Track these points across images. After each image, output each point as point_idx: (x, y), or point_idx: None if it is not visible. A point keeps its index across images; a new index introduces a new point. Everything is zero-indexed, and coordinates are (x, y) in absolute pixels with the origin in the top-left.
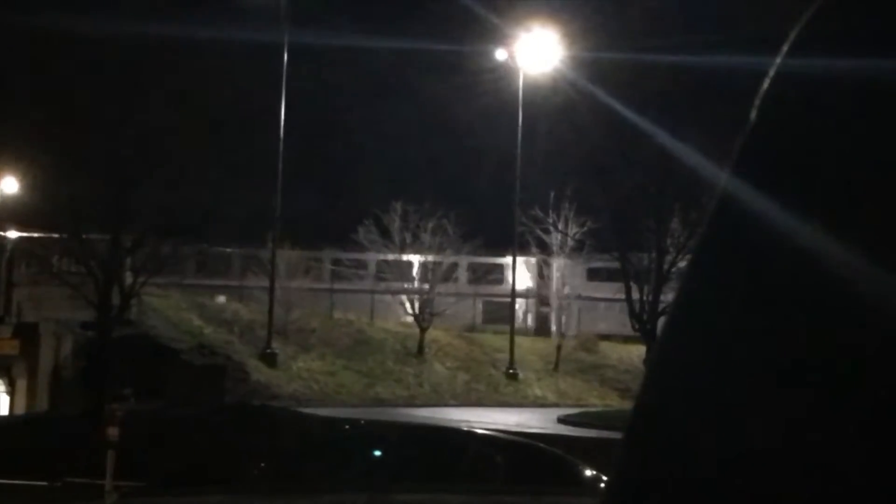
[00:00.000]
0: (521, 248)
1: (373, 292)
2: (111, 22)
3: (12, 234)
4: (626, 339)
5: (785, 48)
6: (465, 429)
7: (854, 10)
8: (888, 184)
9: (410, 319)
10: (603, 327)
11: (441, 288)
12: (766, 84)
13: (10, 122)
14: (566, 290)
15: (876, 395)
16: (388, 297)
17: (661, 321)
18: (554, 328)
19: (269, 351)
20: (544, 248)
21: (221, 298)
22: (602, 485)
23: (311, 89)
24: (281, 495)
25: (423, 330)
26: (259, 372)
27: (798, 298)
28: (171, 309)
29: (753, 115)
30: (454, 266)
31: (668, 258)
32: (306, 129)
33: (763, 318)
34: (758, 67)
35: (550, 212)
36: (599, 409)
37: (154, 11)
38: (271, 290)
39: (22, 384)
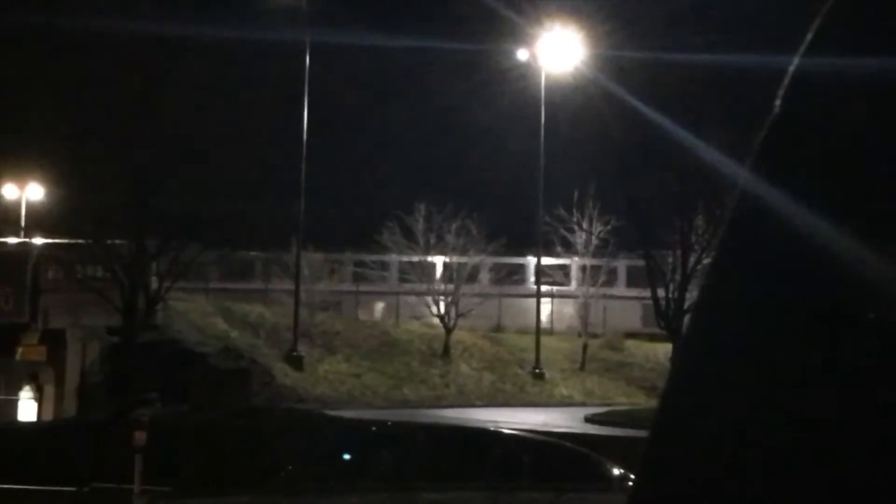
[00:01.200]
0: (545, 248)
1: (398, 294)
2: (133, 25)
3: (38, 240)
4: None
5: (803, 46)
6: (492, 429)
7: (868, 8)
8: None
9: (436, 321)
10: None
11: (466, 289)
12: (785, 81)
13: (34, 129)
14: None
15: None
16: (413, 299)
17: (687, 319)
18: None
19: (294, 354)
20: (569, 248)
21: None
22: (630, 483)
23: (333, 90)
24: (308, 497)
25: (448, 331)
26: (285, 375)
27: (819, 300)
28: (197, 313)
29: (773, 112)
30: (479, 266)
31: (694, 255)
32: (329, 131)
33: (784, 319)
34: (780, 65)
35: (574, 211)
36: (626, 407)
37: (175, 15)
38: (296, 292)
39: (49, 390)
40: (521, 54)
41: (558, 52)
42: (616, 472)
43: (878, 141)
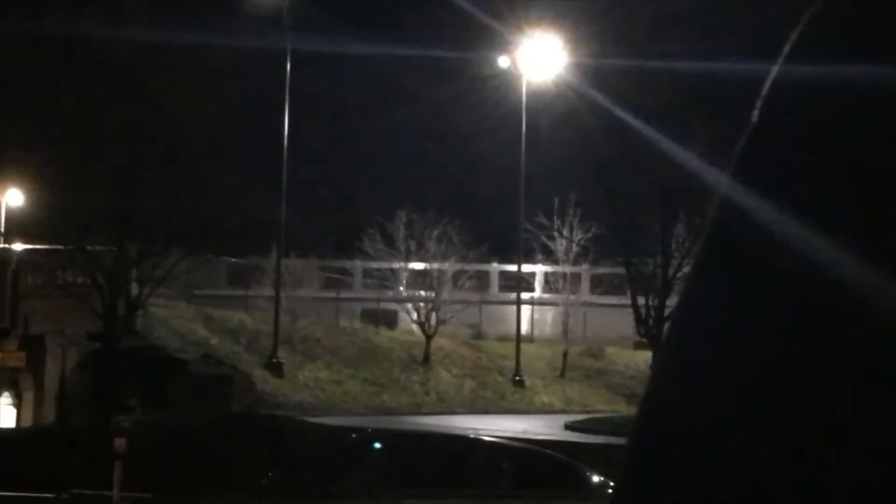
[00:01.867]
0: (526, 255)
1: (378, 300)
2: (115, 31)
3: (18, 246)
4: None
5: (783, 54)
6: (472, 436)
7: (849, 16)
8: (885, 186)
9: (416, 327)
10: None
11: (446, 295)
12: (765, 89)
13: (14, 133)
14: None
15: (877, 394)
16: (394, 306)
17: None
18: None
19: (275, 360)
20: (549, 255)
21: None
22: (609, 490)
23: (313, 97)
24: None
25: (428, 338)
26: (265, 381)
27: (799, 302)
28: (177, 319)
29: (753, 119)
30: (460, 273)
31: (674, 263)
32: (309, 138)
33: (765, 323)
34: (760, 73)
35: (555, 218)
36: (606, 415)
37: (158, 21)
38: (277, 299)
39: (28, 396)
40: (503, 62)
41: (539, 59)
42: (596, 479)
43: (858, 149)
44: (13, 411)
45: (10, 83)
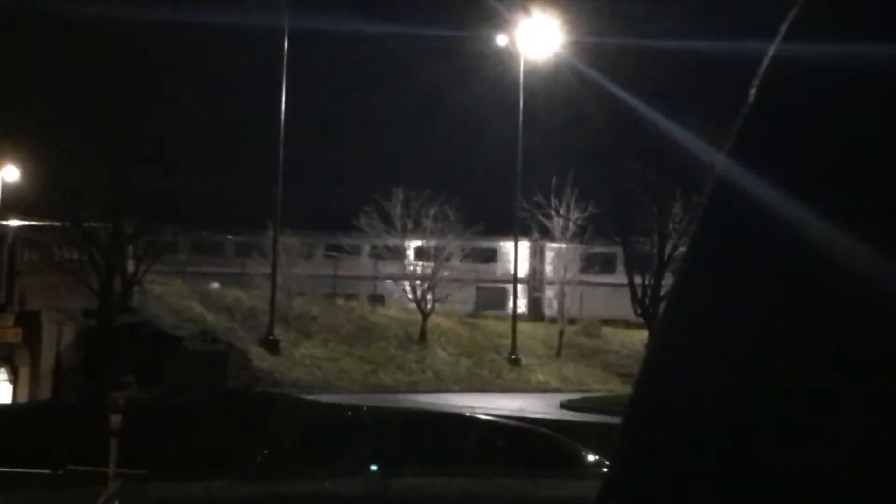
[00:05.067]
0: (522, 233)
1: (375, 278)
2: (110, 7)
3: (14, 222)
4: (628, 325)
5: (781, 32)
6: (468, 414)
7: None
8: (884, 166)
9: (412, 306)
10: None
11: (441, 273)
12: (762, 68)
13: (10, 110)
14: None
15: (872, 380)
16: (390, 283)
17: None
18: (548, 313)
19: (270, 338)
20: (546, 234)
21: (215, 285)
22: (604, 469)
23: (310, 75)
24: (283, 481)
25: (425, 316)
26: (261, 359)
27: (795, 284)
28: (173, 296)
29: (750, 98)
30: (456, 251)
31: (671, 242)
32: (306, 116)
33: (760, 304)
34: (758, 52)
35: (552, 197)
36: (602, 394)
37: None
38: (273, 276)
39: (24, 372)
40: (500, 40)
41: (537, 37)
42: (591, 458)
43: (857, 128)
44: (9, 387)
45: (5, 58)
